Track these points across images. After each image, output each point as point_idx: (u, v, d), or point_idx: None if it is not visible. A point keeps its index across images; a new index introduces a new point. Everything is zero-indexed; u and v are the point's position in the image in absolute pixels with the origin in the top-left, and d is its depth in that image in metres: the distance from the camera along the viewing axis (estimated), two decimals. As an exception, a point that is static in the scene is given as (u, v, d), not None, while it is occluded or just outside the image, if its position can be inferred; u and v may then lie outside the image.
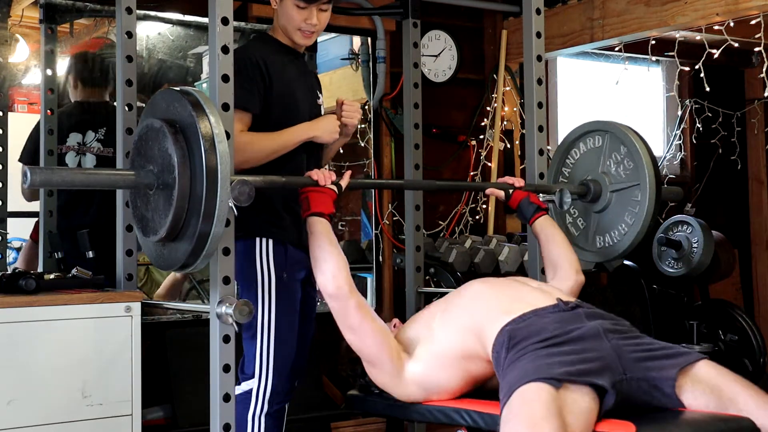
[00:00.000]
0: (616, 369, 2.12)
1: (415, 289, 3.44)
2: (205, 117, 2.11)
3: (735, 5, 3.72)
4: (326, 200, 2.48)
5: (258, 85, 2.61)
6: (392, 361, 2.34)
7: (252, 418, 2.57)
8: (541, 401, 1.96)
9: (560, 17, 4.40)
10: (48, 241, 3.40)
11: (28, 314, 2.50)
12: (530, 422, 1.92)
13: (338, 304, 2.38)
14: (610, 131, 2.95)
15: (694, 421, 2.04)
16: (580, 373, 2.05)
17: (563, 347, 2.13)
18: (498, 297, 2.38)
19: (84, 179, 2.25)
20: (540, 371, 2.04)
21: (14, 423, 2.44)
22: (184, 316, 3.63)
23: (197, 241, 2.11)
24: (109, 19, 3.80)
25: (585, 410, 2.01)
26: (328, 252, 2.40)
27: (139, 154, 2.24)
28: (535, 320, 2.24)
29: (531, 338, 2.16)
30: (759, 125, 5.62)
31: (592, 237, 3.06)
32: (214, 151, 2.08)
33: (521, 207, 2.80)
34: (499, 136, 4.61)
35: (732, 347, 4.25)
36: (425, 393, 2.33)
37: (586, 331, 2.19)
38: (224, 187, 2.09)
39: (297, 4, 2.68)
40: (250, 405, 2.58)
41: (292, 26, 2.72)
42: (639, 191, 2.88)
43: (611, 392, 2.06)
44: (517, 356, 2.13)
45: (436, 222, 4.50)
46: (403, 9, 3.55)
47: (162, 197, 2.15)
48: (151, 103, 2.30)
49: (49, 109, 3.48)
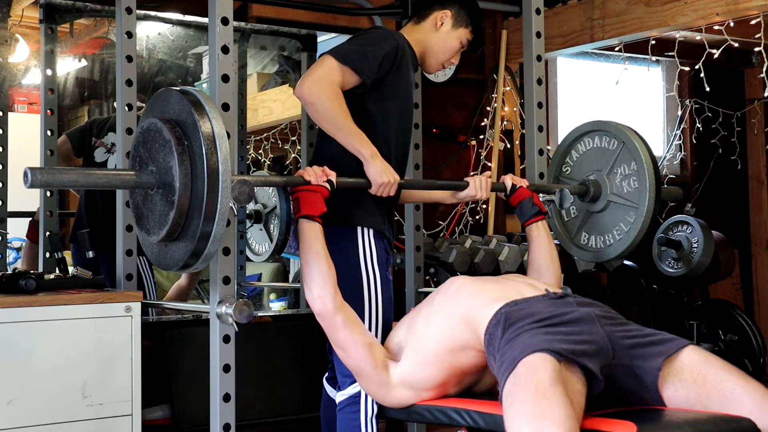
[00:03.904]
0: (606, 354, 2.13)
1: (415, 289, 3.44)
2: (205, 116, 2.10)
3: (735, 5, 3.72)
4: (316, 200, 2.40)
5: (384, 63, 2.52)
6: (377, 372, 2.32)
7: (365, 422, 2.45)
8: (547, 370, 1.96)
9: (560, 17, 4.40)
10: (48, 241, 3.40)
11: (28, 314, 2.50)
12: (539, 389, 1.91)
13: (324, 322, 2.38)
14: (626, 143, 2.87)
15: (695, 421, 2.04)
16: (579, 353, 2.06)
17: (560, 327, 2.13)
18: (486, 286, 2.38)
19: (85, 180, 2.24)
20: (543, 343, 2.04)
21: (14, 423, 2.44)
22: (184, 316, 3.63)
23: (198, 242, 2.10)
24: (109, 19, 3.79)
25: (579, 391, 2.02)
26: (315, 265, 2.37)
27: (140, 155, 2.24)
28: (528, 304, 2.24)
29: (527, 318, 2.16)
30: (759, 125, 5.63)
31: (586, 236, 3.04)
32: (215, 151, 2.07)
33: (522, 205, 2.77)
34: (499, 136, 4.61)
35: (732, 347, 4.25)
36: (414, 393, 2.31)
37: (580, 315, 2.20)
38: (225, 188, 2.08)
39: (464, 44, 2.72)
40: (361, 408, 2.47)
41: (443, 56, 2.74)
42: (635, 213, 2.84)
43: (599, 379, 2.07)
44: (514, 334, 2.13)
45: (436, 222, 4.50)
46: (403, 9, 3.56)
47: (163, 197, 2.15)
48: (151, 103, 2.29)
49: (49, 109, 3.48)
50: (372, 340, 2.39)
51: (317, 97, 2.42)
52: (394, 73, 2.56)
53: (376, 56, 2.50)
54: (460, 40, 2.73)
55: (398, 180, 2.52)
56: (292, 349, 3.73)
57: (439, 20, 2.72)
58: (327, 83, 2.42)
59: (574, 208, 3.07)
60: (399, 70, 2.58)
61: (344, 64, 2.45)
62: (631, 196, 2.87)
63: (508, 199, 2.81)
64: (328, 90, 2.42)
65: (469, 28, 2.75)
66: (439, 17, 2.73)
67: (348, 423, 2.45)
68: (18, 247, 4.03)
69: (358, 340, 2.35)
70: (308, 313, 3.96)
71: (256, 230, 4.36)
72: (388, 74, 2.55)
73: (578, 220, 3.05)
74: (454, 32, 2.72)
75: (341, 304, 2.38)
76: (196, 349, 3.08)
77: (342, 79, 2.45)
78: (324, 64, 2.46)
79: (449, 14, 2.73)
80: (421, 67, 2.81)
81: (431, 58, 2.74)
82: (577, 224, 3.05)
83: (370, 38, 2.56)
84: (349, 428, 2.45)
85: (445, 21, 2.73)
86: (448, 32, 2.71)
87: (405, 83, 2.62)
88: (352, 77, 2.48)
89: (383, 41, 2.55)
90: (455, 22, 2.73)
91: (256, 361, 3.58)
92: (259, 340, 3.64)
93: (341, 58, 2.45)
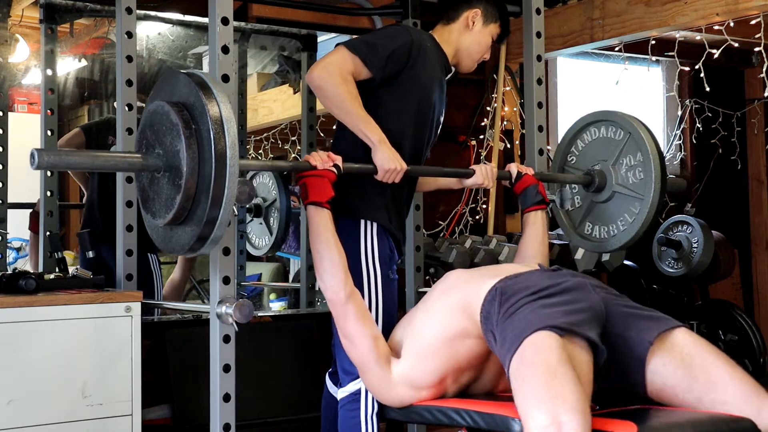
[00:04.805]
0: (601, 320, 2.14)
1: (415, 289, 3.44)
2: (213, 100, 2.06)
3: (735, 5, 3.72)
4: (324, 186, 2.38)
5: (394, 57, 2.54)
6: (380, 366, 2.32)
7: (366, 420, 2.46)
8: (552, 348, 1.97)
9: (560, 17, 4.40)
10: (48, 241, 3.40)
11: (28, 314, 2.50)
12: (548, 368, 1.92)
13: (335, 310, 2.38)
14: (632, 134, 2.86)
15: (695, 421, 2.04)
16: (578, 323, 2.07)
17: (555, 298, 2.14)
18: (480, 272, 2.39)
19: (92, 162, 2.21)
20: (544, 320, 2.04)
21: (14, 423, 2.44)
22: (184, 316, 3.63)
23: (205, 226, 2.06)
24: (109, 19, 3.79)
25: (586, 362, 2.03)
26: (326, 253, 2.37)
27: (146, 137, 2.19)
28: (523, 278, 2.24)
29: (522, 292, 2.16)
30: (759, 125, 5.63)
31: (590, 226, 3.03)
32: (223, 135, 2.03)
33: (526, 192, 2.76)
34: (499, 136, 4.61)
35: (732, 347, 4.25)
36: (414, 391, 2.30)
37: (575, 284, 2.21)
38: (233, 172, 2.04)
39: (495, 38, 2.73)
40: (361, 406, 2.47)
41: (478, 54, 2.76)
42: (639, 204, 2.84)
43: (602, 348, 2.08)
44: (512, 309, 2.12)
45: (436, 222, 4.50)
46: (403, 9, 3.56)
47: (169, 181, 2.11)
48: (157, 86, 2.25)
49: (49, 109, 3.48)
50: (378, 334, 2.39)
51: (326, 81, 2.44)
52: (409, 68, 2.58)
53: (385, 50, 2.52)
54: (492, 36, 2.75)
55: (405, 168, 2.51)
56: (292, 349, 3.73)
57: (471, 20, 2.74)
58: (336, 68, 2.44)
59: (578, 197, 3.05)
60: (415, 66, 2.58)
61: (355, 54, 2.48)
62: (636, 187, 2.85)
63: (512, 186, 2.80)
64: (338, 75, 2.44)
65: (498, 23, 2.78)
66: (470, 17, 2.74)
67: (348, 420, 2.46)
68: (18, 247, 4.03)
69: (365, 332, 2.35)
70: (308, 313, 4.00)
71: (256, 224, 4.36)
72: (402, 69, 2.57)
73: (582, 210, 3.03)
74: (486, 29, 2.74)
75: (352, 293, 2.37)
76: (196, 349, 3.07)
77: (352, 67, 2.48)
78: (336, 52, 2.50)
79: (479, 12, 2.74)
80: (456, 67, 2.81)
81: (467, 58, 2.76)
82: (581, 214, 3.03)
83: (384, 33, 2.61)
84: (350, 425, 2.46)
85: (476, 20, 2.74)
86: (480, 30, 2.73)
87: (424, 79, 2.62)
88: (362, 68, 2.50)
89: (396, 36, 2.57)
90: (485, 19, 2.75)
91: (256, 361, 3.57)
92: (259, 340, 3.64)
93: (352, 49, 2.49)
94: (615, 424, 2.00)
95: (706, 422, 2.03)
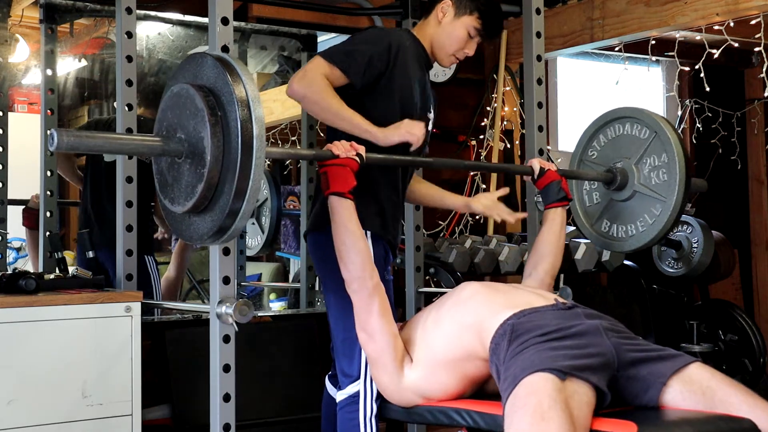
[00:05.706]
0: (613, 366, 2.12)
1: (415, 289, 3.44)
2: (242, 88, 1.97)
3: (735, 5, 3.72)
4: (346, 176, 2.33)
5: (372, 62, 2.52)
6: (394, 365, 2.32)
7: (365, 422, 2.44)
8: (547, 391, 1.96)
9: (560, 17, 4.40)
10: (48, 241, 3.40)
11: (28, 314, 2.50)
12: (538, 412, 1.92)
13: (360, 302, 2.35)
14: (659, 133, 2.82)
15: (695, 421, 2.04)
16: (583, 368, 2.05)
17: (566, 341, 2.12)
18: (496, 294, 2.36)
19: (110, 145, 2.13)
20: (545, 362, 2.03)
21: (14, 423, 2.44)
22: (184, 316, 3.63)
23: (227, 217, 1.98)
24: (109, 19, 3.80)
25: (586, 403, 2.01)
26: (352, 245, 2.34)
27: (167, 119, 2.12)
28: (536, 316, 2.23)
29: (533, 332, 2.15)
30: (759, 125, 5.63)
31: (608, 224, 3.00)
32: (250, 119, 1.94)
33: (549, 188, 2.72)
34: (499, 136, 4.61)
35: (732, 347, 4.25)
36: (423, 400, 2.32)
37: (587, 328, 2.18)
38: (259, 164, 1.95)
39: (473, 32, 2.68)
40: (360, 408, 2.46)
41: (451, 47, 2.71)
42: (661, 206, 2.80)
43: (606, 393, 2.07)
44: (520, 348, 2.12)
45: (436, 222, 4.50)
46: (403, 9, 3.56)
47: (191, 168, 2.03)
48: (182, 66, 2.17)
49: (49, 109, 3.48)
50: (397, 333, 2.37)
51: (307, 89, 2.44)
52: (390, 71, 2.56)
53: (363, 56, 2.51)
54: (467, 29, 2.69)
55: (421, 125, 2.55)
56: (292, 349, 3.74)
57: (441, 12, 2.71)
58: (315, 76, 2.44)
59: (597, 194, 3.04)
60: (396, 68, 2.57)
61: (331, 64, 2.47)
62: (658, 188, 2.82)
63: (535, 182, 2.77)
64: (318, 81, 2.44)
65: (475, 15, 2.70)
66: (440, 9, 2.72)
67: (347, 422, 2.45)
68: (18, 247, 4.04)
69: (386, 329, 2.34)
70: (308, 313, 4.00)
71: (249, 224, 4.37)
72: (383, 73, 2.55)
73: (600, 206, 3.01)
74: (458, 21, 2.70)
75: (377, 286, 2.36)
76: (196, 349, 3.08)
77: (330, 75, 2.47)
78: (312, 62, 2.49)
79: (449, 4, 2.71)
80: (436, 61, 2.79)
81: (440, 51, 2.73)
82: (599, 211, 3.01)
83: (361, 38, 2.58)
84: (349, 427, 2.46)
85: (446, 12, 2.71)
86: (451, 22, 2.70)
87: (406, 79, 2.61)
88: (340, 76, 2.49)
89: (374, 41, 2.55)
90: (457, 11, 2.71)
91: (256, 361, 3.58)
92: (259, 340, 3.64)
93: (329, 58, 2.48)
94: (615, 424, 2.00)
95: (706, 422, 2.03)
